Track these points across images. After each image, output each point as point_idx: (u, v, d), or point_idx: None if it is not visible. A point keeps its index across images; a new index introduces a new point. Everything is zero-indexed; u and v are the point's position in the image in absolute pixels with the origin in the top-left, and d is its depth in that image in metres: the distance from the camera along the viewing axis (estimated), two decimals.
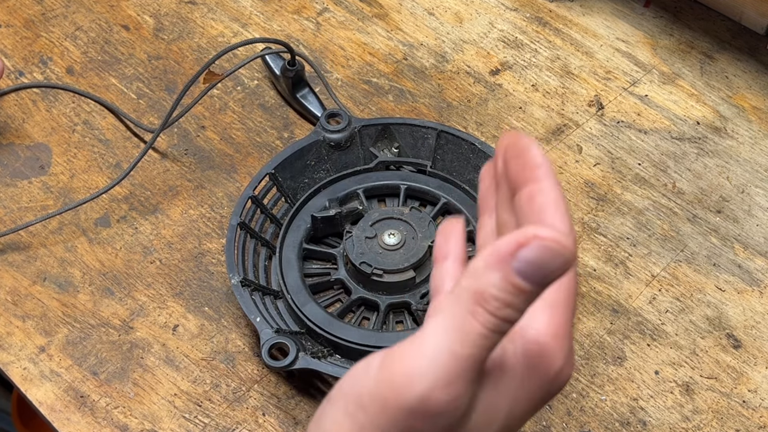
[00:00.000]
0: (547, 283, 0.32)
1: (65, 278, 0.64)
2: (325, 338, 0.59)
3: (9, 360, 0.60)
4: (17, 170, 0.70)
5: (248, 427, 0.58)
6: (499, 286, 0.32)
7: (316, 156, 0.67)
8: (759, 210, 0.69)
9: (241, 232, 0.62)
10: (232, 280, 0.59)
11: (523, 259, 0.31)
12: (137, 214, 0.68)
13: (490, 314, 0.32)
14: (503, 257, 0.31)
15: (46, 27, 0.79)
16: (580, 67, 0.78)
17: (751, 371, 0.61)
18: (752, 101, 0.76)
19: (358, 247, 0.61)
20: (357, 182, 0.67)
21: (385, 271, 0.61)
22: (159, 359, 0.61)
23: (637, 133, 0.74)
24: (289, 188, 0.66)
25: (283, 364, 0.55)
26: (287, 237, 0.64)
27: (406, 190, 0.66)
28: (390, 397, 0.33)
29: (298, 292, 0.61)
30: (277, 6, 0.82)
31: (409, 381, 0.33)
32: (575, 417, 0.59)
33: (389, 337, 0.59)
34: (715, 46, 0.80)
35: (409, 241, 0.62)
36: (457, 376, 0.33)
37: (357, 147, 0.68)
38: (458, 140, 0.66)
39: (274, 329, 0.57)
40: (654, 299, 0.64)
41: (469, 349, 0.32)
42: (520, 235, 0.31)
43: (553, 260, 0.31)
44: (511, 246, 0.31)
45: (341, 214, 0.64)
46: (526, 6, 0.83)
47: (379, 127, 0.68)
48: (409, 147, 0.68)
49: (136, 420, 0.58)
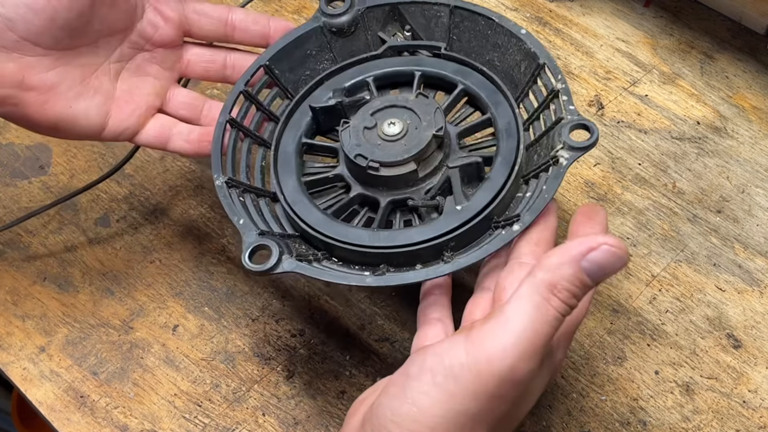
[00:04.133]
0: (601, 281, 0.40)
1: (65, 278, 0.64)
2: (319, 240, 0.53)
3: (9, 360, 0.60)
4: (17, 170, 0.70)
5: (248, 427, 0.58)
6: (569, 279, 0.40)
7: (317, 44, 0.61)
8: (759, 210, 0.69)
9: (232, 130, 0.57)
10: (217, 181, 0.54)
11: (591, 259, 0.39)
12: (137, 214, 0.68)
13: (561, 301, 0.40)
14: (575, 257, 0.40)
15: None
16: (580, 67, 0.78)
17: (752, 371, 0.61)
18: (752, 101, 0.76)
19: (354, 138, 0.55)
20: (365, 71, 0.60)
21: (383, 163, 0.54)
22: (159, 359, 0.61)
23: (637, 133, 0.74)
24: (288, 81, 0.60)
25: (264, 268, 0.49)
26: (285, 132, 0.58)
27: (421, 76, 0.59)
28: (484, 367, 0.40)
29: (293, 191, 0.56)
30: (277, 6, 0.82)
31: (502, 353, 0.40)
32: (575, 417, 0.59)
33: (383, 236, 0.53)
34: (715, 46, 0.80)
35: (412, 131, 0.55)
36: (536, 351, 0.40)
37: (363, 32, 0.61)
38: (474, 16, 0.59)
39: (258, 231, 0.52)
40: (654, 299, 0.64)
41: (546, 328, 0.40)
42: (592, 240, 0.39)
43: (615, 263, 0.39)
44: (583, 248, 0.40)
45: (343, 104, 0.58)
46: (526, 6, 0.83)
47: (386, 7, 0.61)
48: (422, 28, 0.61)
49: (136, 420, 0.58)
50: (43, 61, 0.54)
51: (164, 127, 0.60)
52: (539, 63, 0.56)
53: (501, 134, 0.56)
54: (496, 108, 0.57)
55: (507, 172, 0.54)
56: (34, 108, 0.54)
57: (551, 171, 0.51)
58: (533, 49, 0.56)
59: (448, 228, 0.52)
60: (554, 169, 0.51)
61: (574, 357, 0.61)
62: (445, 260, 0.51)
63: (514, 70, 0.58)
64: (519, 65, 0.58)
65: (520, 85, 0.58)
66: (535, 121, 0.56)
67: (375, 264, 0.53)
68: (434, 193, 0.55)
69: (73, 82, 0.56)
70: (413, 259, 0.52)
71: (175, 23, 0.59)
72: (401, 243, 0.52)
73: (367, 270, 0.52)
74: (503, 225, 0.52)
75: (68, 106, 0.55)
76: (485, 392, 0.40)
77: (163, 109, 0.61)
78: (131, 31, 0.58)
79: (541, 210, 0.50)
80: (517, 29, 0.58)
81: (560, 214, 0.68)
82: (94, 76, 0.57)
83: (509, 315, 0.40)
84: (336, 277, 0.51)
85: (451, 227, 0.52)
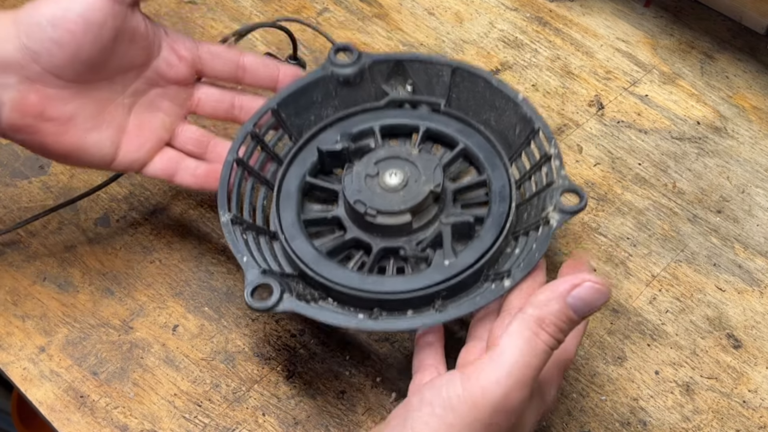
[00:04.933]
0: (586, 316, 0.44)
1: (65, 278, 0.64)
2: (315, 281, 0.56)
3: (9, 360, 0.60)
4: (17, 170, 0.70)
5: (248, 427, 0.58)
6: (556, 314, 0.43)
7: (323, 92, 0.63)
8: (759, 210, 0.69)
9: (238, 169, 0.59)
10: (222, 218, 0.56)
11: (576, 295, 0.43)
12: (137, 214, 0.68)
13: (549, 335, 0.44)
14: (562, 293, 0.43)
15: None
16: (581, 67, 0.78)
17: (752, 371, 0.61)
18: (752, 101, 0.76)
19: (356, 184, 0.58)
20: (369, 119, 0.63)
21: (380, 211, 0.56)
22: (159, 359, 0.61)
23: (637, 133, 0.74)
24: (293, 125, 0.63)
25: (266, 306, 0.52)
26: (289, 171, 0.61)
27: (425, 131, 0.63)
28: (479, 398, 0.43)
29: (292, 227, 0.58)
30: (277, 6, 0.82)
31: (495, 384, 0.43)
32: (575, 417, 0.59)
33: (375, 281, 0.55)
34: (715, 46, 0.80)
35: (411, 184, 0.57)
36: (526, 382, 0.43)
37: (368, 83, 0.64)
38: (475, 78, 0.62)
39: (260, 270, 0.54)
40: (654, 299, 0.64)
41: (536, 361, 0.43)
42: (576, 278, 0.43)
43: (598, 299, 0.43)
44: (568, 286, 0.43)
45: (348, 150, 0.61)
46: (526, 6, 0.83)
47: (391, 63, 0.64)
48: (424, 84, 0.64)
49: (136, 420, 0.58)
50: (63, 93, 0.56)
51: (171, 160, 0.62)
52: (534, 128, 0.59)
53: (494, 197, 0.59)
54: (493, 170, 0.60)
55: (496, 234, 0.57)
56: (51, 138, 0.56)
57: (541, 231, 0.54)
58: (529, 115, 0.60)
59: (434, 281, 0.55)
60: (544, 229, 0.54)
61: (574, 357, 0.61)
62: (436, 308, 0.54)
63: (509, 131, 0.62)
64: (514, 127, 0.61)
65: (514, 146, 0.61)
66: (526, 181, 0.60)
67: (368, 307, 0.55)
68: (425, 245, 0.57)
69: (90, 114, 0.57)
70: (405, 305, 0.55)
71: (189, 62, 0.61)
72: (387, 290, 0.55)
73: (361, 312, 0.55)
74: (493, 279, 0.54)
75: (83, 137, 0.57)
76: (481, 421, 0.43)
77: (171, 143, 0.63)
78: (147, 67, 0.60)
79: (531, 268, 0.53)
80: (515, 95, 0.61)
81: None
82: (108, 110, 0.59)
83: (502, 349, 0.44)
84: (331, 318, 0.53)
85: (436, 281, 0.55)
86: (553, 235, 0.55)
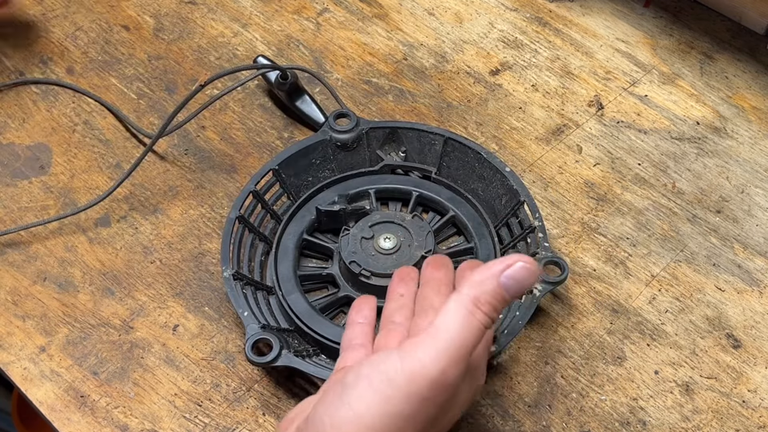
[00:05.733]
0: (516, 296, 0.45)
1: (65, 278, 0.64)
2: (310, 336, 0.59)
3: (9, 360, 0.60)
4: (17, 170, 0.70)
5: (248, 426, 0.58)
6: (490, 293, 0.44)
7: (321, 155, 0.67)
8: (759, 210, 0.69)
9: (239, 226, 0.62)
10: (225, 273, 0.59)
11: (509, 275, 0.44)
12: (137, 214, 0.68)
13: (484, 314, 0.44)
14: (495, 273, 0.44)
15: (47, 27, 0.79)
16: (580, 67, 0.78)
17: (751, 371, 0.61)
18: (752, 101, 0.76)
19: (352, 245, 0.61)
20: (364, 183, 0.67)
21: (373, 273, 0.60)
22: (159, 359, 0.61)
23: (637, 133, 0.74)
24: (292, 185, 0.66)
25: (265, 361, 0.55)
26: (288, 228, 0.64)
27: (417, 197, 0.66)
28: (417, 372, 0.43)
29: (287, 282, 0.61)
30: (277, 6, 0.82)
31: (434, 359, 0.43)
32: (575, 417, 0.59)
33: None
34: (715, 46, 0.80)
35: (404, 248, 0.62)
36: (462, 358, 0.44)
37: (363, 148, 0.68)
38: (465, 148, 0.66)
39: (260, 325, 0.57)
40: (654, 299, 0.64)
41: (471, 338, 0.44)
42: (509, 259, 0.44)
43: (528, 278, 0.44)
44: (501, 266, 0.44)
45: (346, 211, 0.64)
46: (526, 6, 0.83)
47: (386, 130, 0.68)
48: (416, 152, 0.68)
49: (137, 420, 0.58)
50: None
51: None
52: (520, 200, 0.63)
53: None
54: (480, 240, 0.64)
55: None
56: None
57: (525, 299, 0.58)
58: (515, 187, 0.63)
59: None
60: (528, 298, 0.58)
61: (574, 357, 0.61)
62: None
63: (496, 201, 0.65)
64: (501, 198, 0.65)
65: (500, 215, 0.65)
66: (510, 249, 0.63)
67: None
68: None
69: None
70: None
71: None
72: None
73: None
74: None
75: None
76: (418, 394, 0.43)
77: None
78: None
79: (516, 335, 0.57)
80: (503, 166, 0.64)
81: (559, 214, 0.68)
82: None
83: (439, 326, 0.44)
84: (326, 375, 0.55)
85: None
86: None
